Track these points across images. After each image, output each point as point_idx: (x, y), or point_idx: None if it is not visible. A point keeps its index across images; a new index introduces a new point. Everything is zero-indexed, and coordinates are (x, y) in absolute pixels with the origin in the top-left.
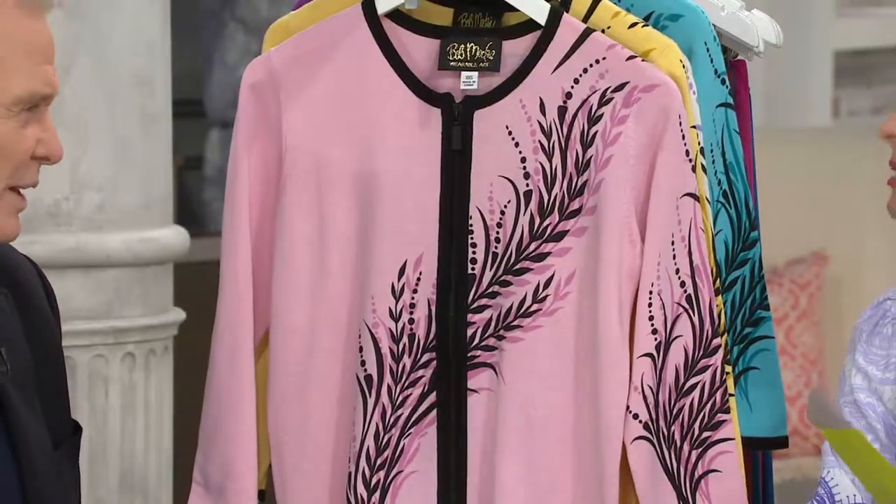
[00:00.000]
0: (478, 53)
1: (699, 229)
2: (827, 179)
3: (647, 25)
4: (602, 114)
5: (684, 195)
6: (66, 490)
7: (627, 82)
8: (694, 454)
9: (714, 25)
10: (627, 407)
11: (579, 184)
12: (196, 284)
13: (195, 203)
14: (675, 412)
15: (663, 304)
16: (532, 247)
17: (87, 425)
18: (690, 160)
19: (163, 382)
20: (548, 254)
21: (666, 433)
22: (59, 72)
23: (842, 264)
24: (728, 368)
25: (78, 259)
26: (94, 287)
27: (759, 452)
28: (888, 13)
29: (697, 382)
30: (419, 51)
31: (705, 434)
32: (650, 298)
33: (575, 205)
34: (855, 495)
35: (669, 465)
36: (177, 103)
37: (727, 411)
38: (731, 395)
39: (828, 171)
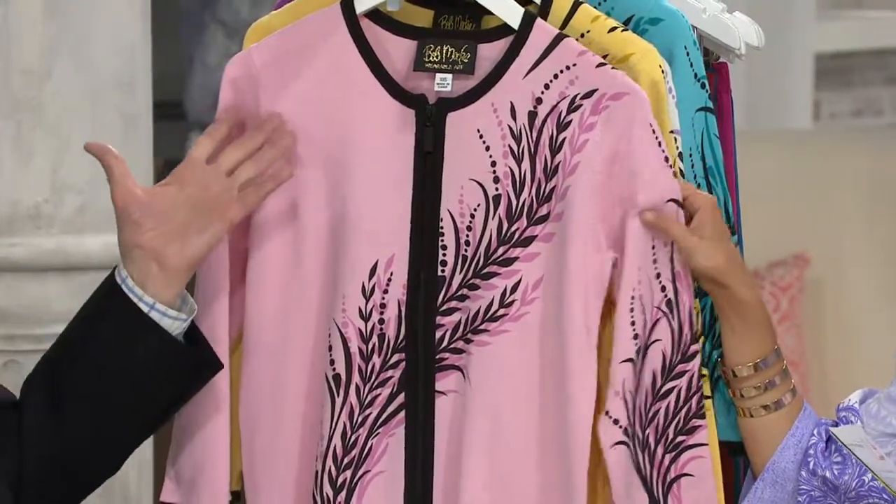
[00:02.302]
0: (453, 56)
1: None
2: (807, 182)
3: (627, 30)
4: (571, 120)
5: (668, 201)
6: None
7: (596, 89)
8: (667, 458)
9: (695, 28)
10: (607, 412)
11: (547, 189)
12: None
13: None
14: (650, 416)
15: (644, 309)
16: (500, 251)
17: None
18: (670, 165)
19: None
20: (515, 259)
21: (641, 437)
22: (40, 74)
23: (823, 266)
24: (705, 371)
25: (58, 262)
26: (75, 290)
27: (740, 458)
28: (869, 16)
29: (674, 387)
30: (397, 51)
31: (680, 438)
32: (632, 304)
33: (543, 210)
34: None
35: (643, 469)
36: (157, 105)
37: (702, 416)
38: (707, 396)
39: (808, 173)
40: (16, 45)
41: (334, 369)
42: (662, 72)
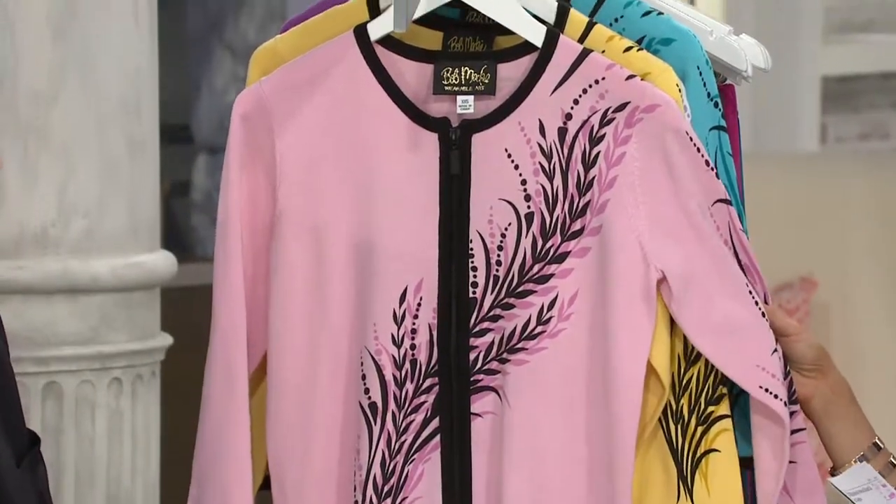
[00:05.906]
0: (472, 77)
1: (739, 231)
2: (814, 205)
3: (642, 49)
4: (604, 134)
5: (716, 202)
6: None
7: (628, 102)
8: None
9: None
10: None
11: (581, 204)
12: (183, 309)
13: (182, 228)
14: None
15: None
16: (535, 269)
17: (73, 451)
18: (712, 168)
19: (149, 408)
20: (551, 275)
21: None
22: (47, 97)
23: (830, 289)
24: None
25: (65, 284)
26: (81, 312)
27: (748, 473)
28: (876, 40)
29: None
30: (412, 75)
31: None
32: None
33: (577, 225)
34: None
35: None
36: (164, 128)
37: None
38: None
39: (815, 196)
40: (23, 68)
41: (370, 398)
42: (679, 90)
